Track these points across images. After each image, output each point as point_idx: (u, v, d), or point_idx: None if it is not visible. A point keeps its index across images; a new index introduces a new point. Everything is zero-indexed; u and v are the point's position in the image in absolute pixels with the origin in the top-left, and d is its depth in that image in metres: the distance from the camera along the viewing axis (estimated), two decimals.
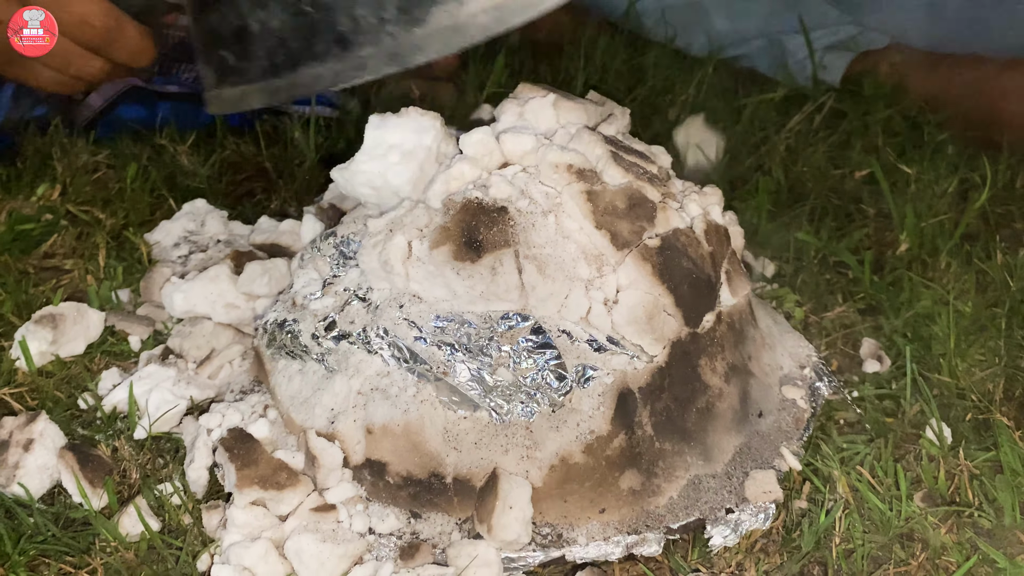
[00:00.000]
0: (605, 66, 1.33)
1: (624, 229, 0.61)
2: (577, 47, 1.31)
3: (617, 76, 1.33)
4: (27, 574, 0.58)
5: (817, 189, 1.07)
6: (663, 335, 0.61)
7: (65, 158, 1.08)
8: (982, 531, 0.65)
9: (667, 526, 0.59)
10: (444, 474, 0.59)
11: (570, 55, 1.34)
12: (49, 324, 0.76)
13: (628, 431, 0.59)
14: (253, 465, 0.58)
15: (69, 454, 0.63)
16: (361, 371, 0.61)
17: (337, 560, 0.56)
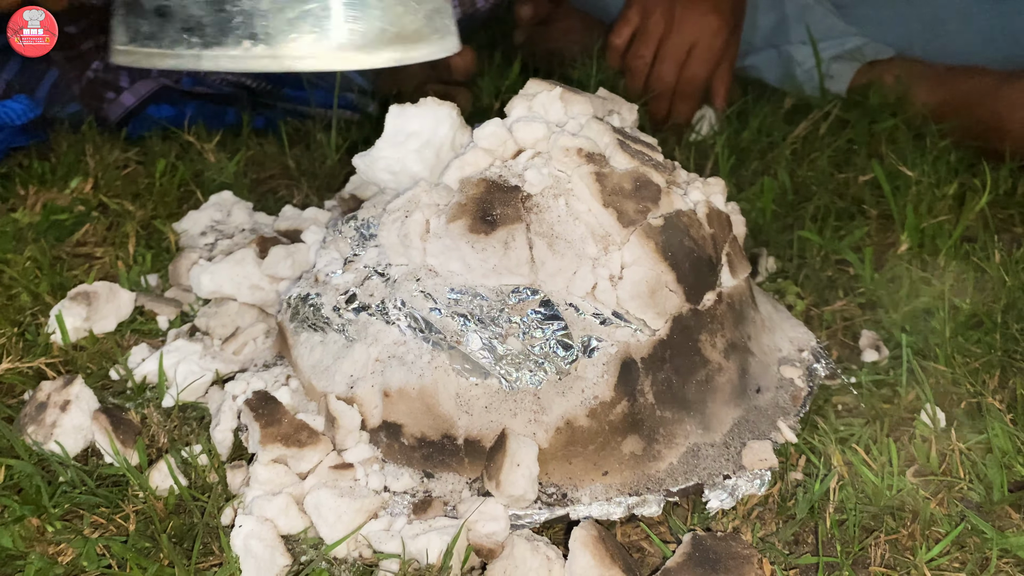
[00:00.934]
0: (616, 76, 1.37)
1: (629, 208, 0.64)
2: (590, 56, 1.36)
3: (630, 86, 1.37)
4: (61, 524, 0.62)
5: (821, 192, 1.11)
6: (665, 310, 0.64)
7: (97, 154, 1.13)
8: (971, 504, 0.68)
9: (667, 489, 0.62)
10: (456, 436, 0.62)
11: (583, 64, 1.39)
12: (83, 301, 0.80)
13: (630, 398, 0.62)
14: (276, 424, 0.62)
15: (103, 416, 0.67)
16: (379, 340, 0.65)
17: (354, 514, 0.59)
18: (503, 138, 0.70)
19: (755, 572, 0.56)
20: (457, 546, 0.56)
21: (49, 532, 0.61)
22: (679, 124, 1.28)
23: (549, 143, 0.69)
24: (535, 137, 0.69)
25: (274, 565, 0.56)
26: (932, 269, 0.97)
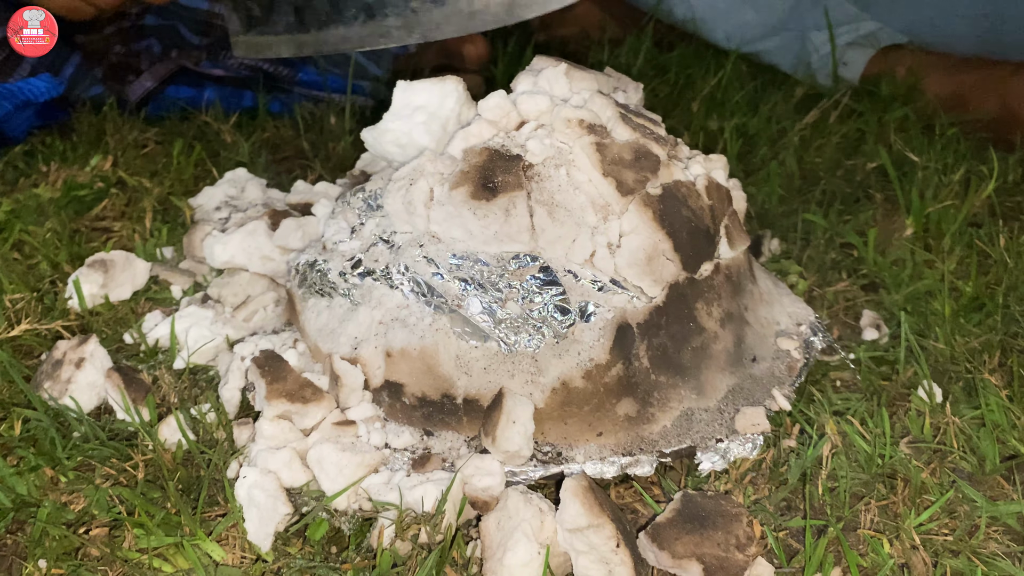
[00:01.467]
0: (629, 62, 1.38)
1: (629, 178, 0.66)
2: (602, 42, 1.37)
3: (641, 73, 1.38)
4: (74, 474, 0.64)
5: (828, 177, 1.11)
6: (662, 277, 0.65)
7: (117, 133, 1.16)
8: (963, 474, 0.69)
9: (660, 450, 0.64)
10: (455, 395, 0.64)
11: (597, 49, 1.40)
12: (100, 268, 0.83)
13: (626, 362, 0.64)
14: (281, 381, 0.64)
15: (116, 374, 0.69)
16: (383, 304, 0.67)
17: (355, 468, 0.61)
18: (507, 109, 0.72)
19: (743, 530, 0.57)
20: (452, 494, 0.57)
21: (63, 482, 0.64)
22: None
23: (552, 115, 0.70)
24: (539, 109, 0.71)
25: (276, 514, 0.58)
26: (936, 252, 0.98)
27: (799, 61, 1.35)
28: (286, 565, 0.58)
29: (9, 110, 1.02)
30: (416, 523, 0.57)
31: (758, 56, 1.41)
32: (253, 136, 1.18)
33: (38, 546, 0.57)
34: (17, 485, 0.62)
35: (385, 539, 0.57)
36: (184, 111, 1.19)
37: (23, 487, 0.62)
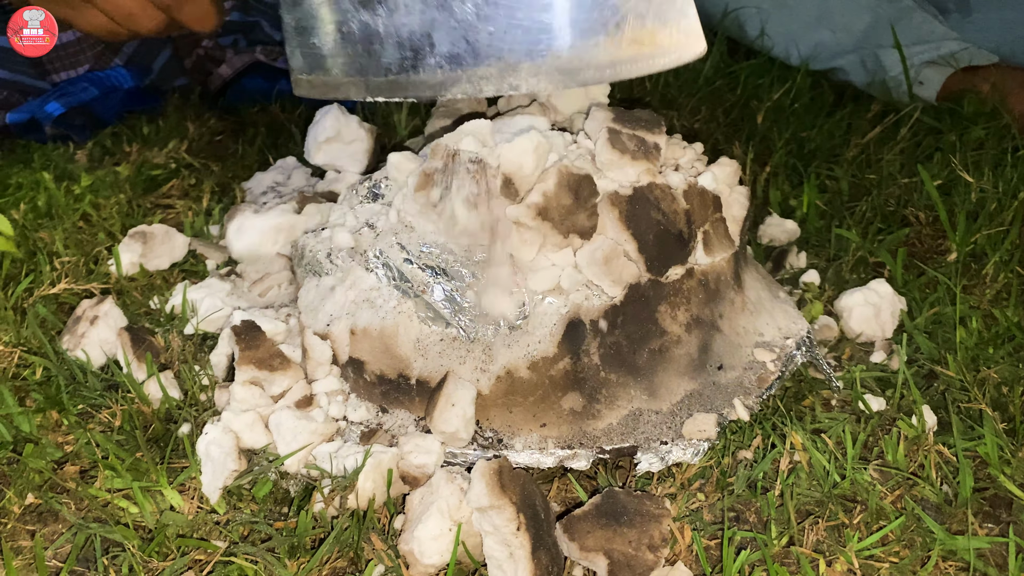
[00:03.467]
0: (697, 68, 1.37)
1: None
2: None
3: (708, 81, 1.37)
4: (76, 419, 0.71)
5: (880, 194, 1.07)
6: (621, 278, 0.66)
7: (197, 120, 1.26)
8: (929, 504, 0.66)
9: (600, 447, 0.64)
10: (410, 376, 0.67)
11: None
12: (140, 239, 0.91)
13: (574, 356, 0.65)
14: (254, 349, 0.69)
15: (125, 333, 0.76)
16: (357, 285, 0.70)
17: (308, 435, 0.65)
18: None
19: (659, 531, 0.57)
20: (380, 467, 0.60)
21: (64, 425, 0.71)
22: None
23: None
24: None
25: (225, 469, 0.63)
26: (976, 279, 0.93)
27: (873, 80, 1.30)
28: (233, 518, 0.63)
29: (96, 95, 1.13)
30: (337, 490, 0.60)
31: (832, 73, 1.36)
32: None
33: (20, 477, 0.64)
34: (22, 423, 0.69)
35: (316, 503, 0.60)
36: (257, 102, 1.27)
37: (27, 425, 0.69)
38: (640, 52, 0.62)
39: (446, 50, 0.63)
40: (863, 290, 0.86)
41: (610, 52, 0.61)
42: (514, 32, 0.61)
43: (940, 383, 0.79)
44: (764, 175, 1.12)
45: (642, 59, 0.63)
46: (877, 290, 0.86)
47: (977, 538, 0.61)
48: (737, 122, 1.29)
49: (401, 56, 0.65)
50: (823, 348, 0.84)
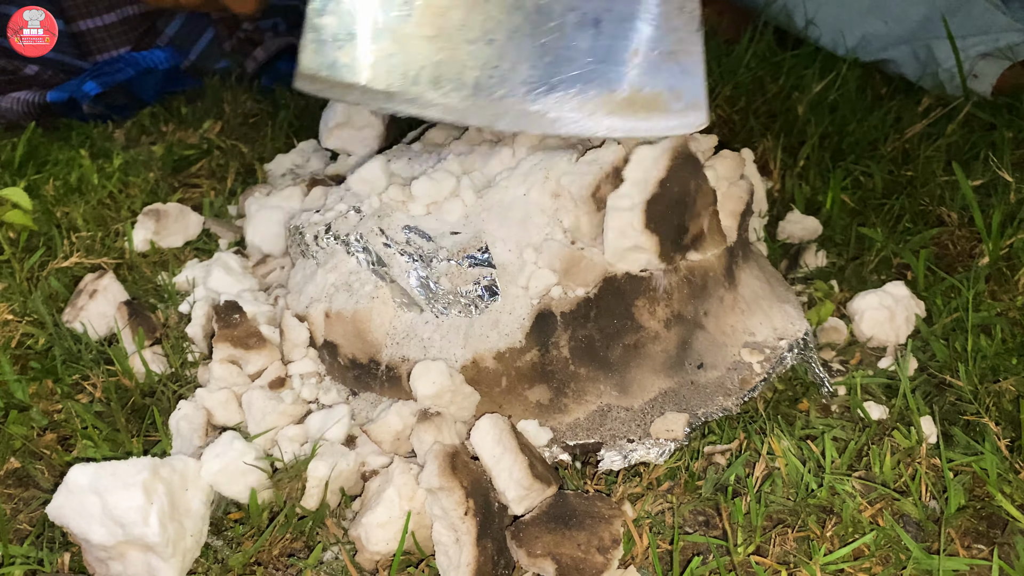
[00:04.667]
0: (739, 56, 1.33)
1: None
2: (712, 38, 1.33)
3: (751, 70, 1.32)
4: (69, 389, 0.73)
5: (915, 192, 1.02)
6: (587, 280, 0.64)
7: (234, 101, 1.28)
8: (909, 520, 0.62)
9: (564, 442, 0.63)
10: (380, 361, 0.66)
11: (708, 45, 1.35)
12: (153, 217, 0.93)
13: (542, 349, 0.63)
14: (232, 327, 0.69)
15: (124, 307, 0.78)
16: (338, 268, 0.70)
17: (277, 416, 0.65)
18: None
19: (610, 532, 0.55)
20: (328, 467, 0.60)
21: (58, 393, 0.73)
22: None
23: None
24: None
25: (191, 445, 0.64)
26: (1008, 284, 0.87)
27: (925, 72, 1.24)
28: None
29: (132, 75, 1.16)
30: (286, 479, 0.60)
31: (883, 65, 1.30)
32: None
33: (1, 443, 0.66)
34: (16, 390, 0.72)
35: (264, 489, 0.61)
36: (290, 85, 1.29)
37: (20, 393, 0.72)
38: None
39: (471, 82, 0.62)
40: (877, 292, 0.82)
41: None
42: (522, 87, 0.61)
43: (951, 393, 0.75)
44: (797, 169, 1.08)
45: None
46: (893, 292, 0.82)
47: (955, 559, 0.58)
48: (777, 113, 1.25)
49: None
50: (830, 351, 0.80)
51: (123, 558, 0.54)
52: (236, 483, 0.60)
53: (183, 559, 0.55)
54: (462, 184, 0.70)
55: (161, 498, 0.54)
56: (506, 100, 0.61)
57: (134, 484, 0.54)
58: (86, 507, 0.54)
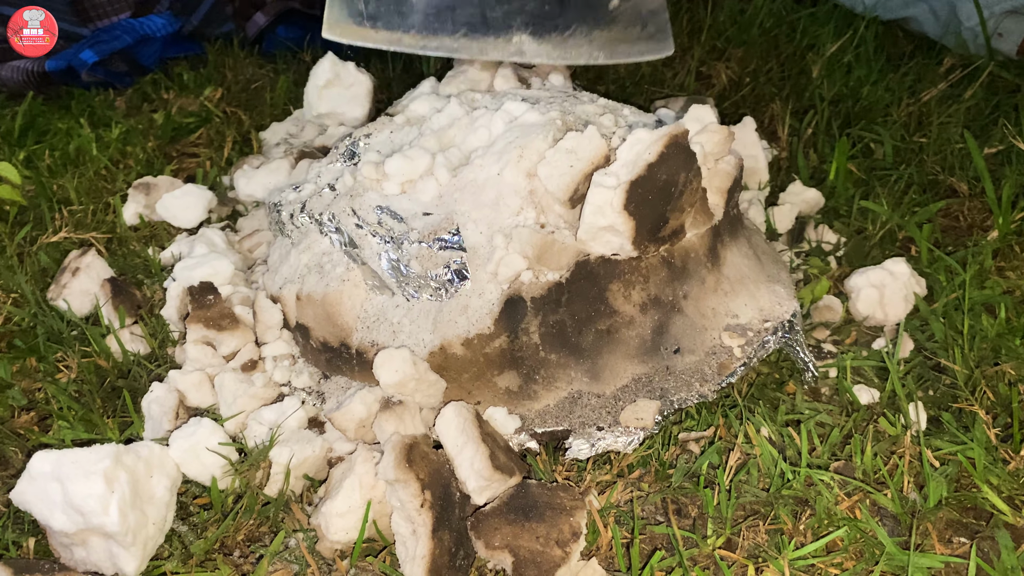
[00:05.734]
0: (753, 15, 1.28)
1: None
2: None
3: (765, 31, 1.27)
4: (52, 367, 0.73)
5: (925, 161, 0.98)
6: (559, 264, 0.62)
7: (236, 67, 1.27)
8: (886, 513, 0.60)
9: (532, 429, 0.62)
10: (351, 345, 0.66)
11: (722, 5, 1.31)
12: (143, 191, 0.93)
13: (511, 335, 0.62)
14: (205, 308, 0.69)
15: (108, 284, 0.78)
16: (312, 248, 0.69)
17: (248, 399, 0.65)
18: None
19: (570, 525, 0.55)
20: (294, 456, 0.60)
21: (41, 371, 0.74)
22: None
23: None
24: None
25: (160, 429, 0.64)
26: (1017, 261, 0.84)
27: (947, 31, 1.18)
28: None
29: (130, 43, 1.15)
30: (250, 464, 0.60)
31: (904, 22, 1.25)
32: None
33: None
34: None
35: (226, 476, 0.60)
36: (291, 50, 1.27)
37: (2, 371, 0.72)
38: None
39: (464, 20, 0.71)
40: (876, 269, 0.79)
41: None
42: (521, 14, 0.71)
43: (947, 375, 0.72)
44: (806, 135, 1.04)
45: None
46: (892, 270, 0.79)
47: (929, 555, 0.56)
48: (791, 74, 1.20)
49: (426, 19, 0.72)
50: (825, 331, 0.78)
51: (85, 544, 0.55)
52: (201, 466, 0.60)
53: (144, 547, 0.55)
54: (437, 162, 0.68)
55: (123, 487, 0.55)
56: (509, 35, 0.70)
57: (95, 473, 0.54)
58: (48, 494, 0.54)
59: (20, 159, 1.04)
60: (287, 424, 0.62)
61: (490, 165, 0.66)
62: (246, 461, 0.60)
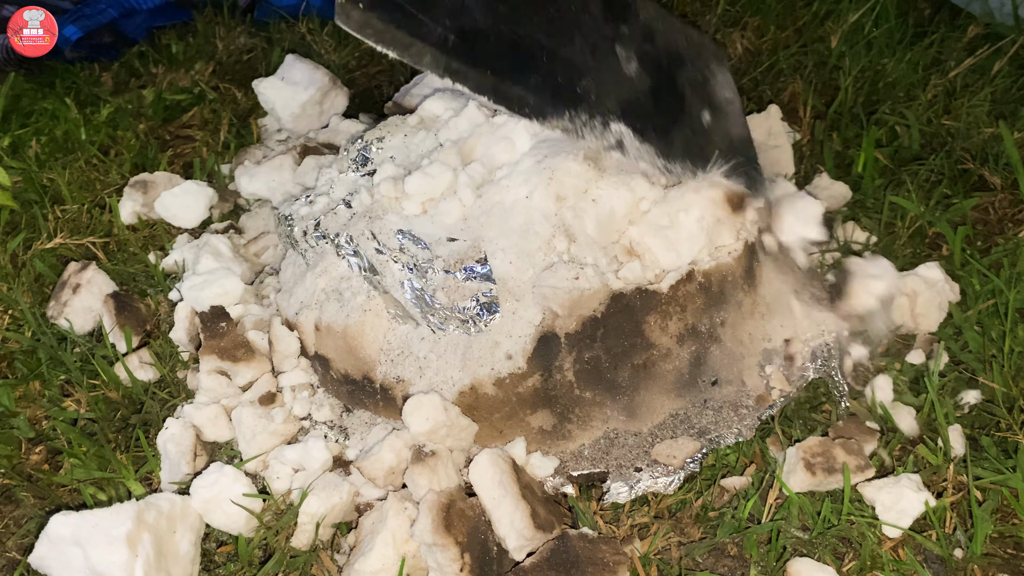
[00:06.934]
0: None
1: None
2: None
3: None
4: (56, 392, 0.70)
5: (954, 147, 0.94)
6: (592, 307, 0.59)
7: (227, 37, 1.21)
8: (932, 557, 0.59)
9: (568, 472, 0.60)
10: (375, 379, 0.63)
11: None
12: (141, 189, 0.88)
13: (545, 373, 0.59)
14: (218, 337, 0.66)
15: (111, 300, 0.74)
16: (328, 272, 0.66)
17: (268, 436, 0.62)
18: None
19: None
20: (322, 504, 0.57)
21: (46, 396, 0.70)
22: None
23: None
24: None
25: (179, 472, 0.61)
26: None
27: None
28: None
29: (115, 16, 1.08)
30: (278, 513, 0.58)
31: None
32: (349, 47, 1.18)
33: None
34: (2, 396, 0.69)
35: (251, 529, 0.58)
36: (284, 19, 1.21)
37: (6, 399, 0.69)
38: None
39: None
40: (909, 276, 0.76)
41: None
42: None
43: (984, 390, 0.70)
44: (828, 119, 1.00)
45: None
46: (926, 276, 0.76)
47: None
48: (808, 44, 1.15)
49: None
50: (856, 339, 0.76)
51: None
52: (225, 516, 0.58)
53: None
54: (460, 181, 0.64)
55: (147, 548, 0.52)
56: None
57: (118, 537, 0.52)
58: (69, 559, 0.52)
59: (5, 146, 0.98)
60: (311, 466, 0.60)
61: (517, 187, 0.62)
62: (272, 512, 0.58)
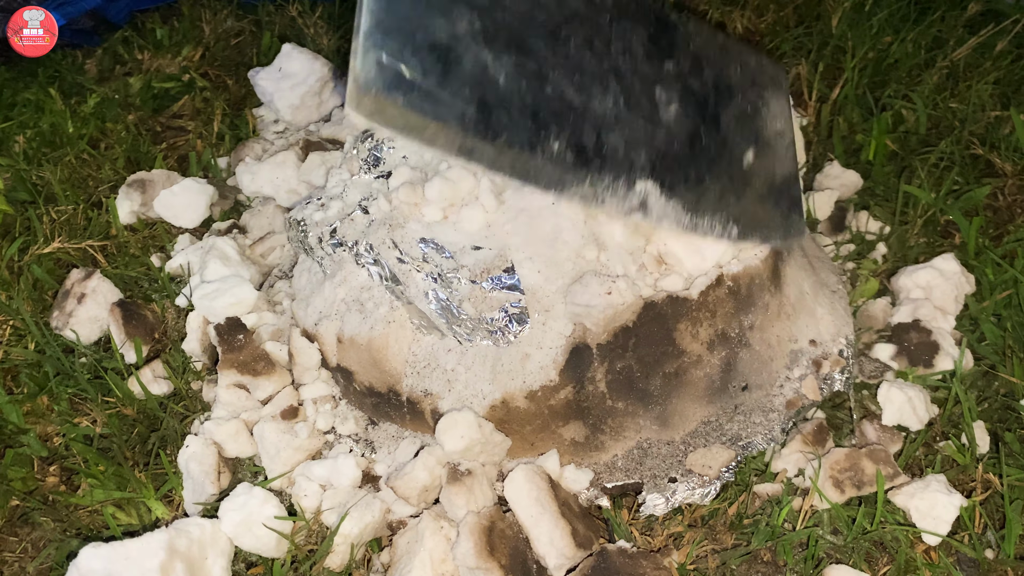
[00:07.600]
0: None
1: None
2: None
3: None
4: (67, 407, 0.68)
5: (961, 131, 0.94)
6: (624, 320, 0.58)
7: (213, 20, 1.17)
8: (964, 559, 0.59)
9: (603, 485, 0.59)
10: (401, 392, 0.61)
11: None
12: (139, 188, 0.85)
13: (577, 385, 0.58)
14: (236, 351, 0.64)
15: (117, 309, 0.72)
16: (348, 281, 0.64)
17: (292, 452, 0.61)
18: None
19: None
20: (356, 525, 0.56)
21: (55, 411, 0.68)
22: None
23: None
24: None
25: (204, 492, 0.60)
26: None
27: None
28: None
29: (100, 3, 1.04)
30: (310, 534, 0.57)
31: None
32: (341, 31, 1.14)
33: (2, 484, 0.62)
34: (10, 413, 0.67)
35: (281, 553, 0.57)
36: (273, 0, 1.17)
37: (15, 416, 0.67)
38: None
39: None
40: (924, 269, 0.76)
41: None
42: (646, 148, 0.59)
43: (1001, 384, 0.71)
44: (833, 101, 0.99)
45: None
46: (942, 268, 0.76)
47: None
48: (809, 24, 1.14)
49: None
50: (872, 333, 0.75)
51: None
52: (255, 538, 0.56)
53: None
54: (482, 186, 0.62)
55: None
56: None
57: (151, 569, 0.50)
58: None
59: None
60: (340, 483, 0.59)
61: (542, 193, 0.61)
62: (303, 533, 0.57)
